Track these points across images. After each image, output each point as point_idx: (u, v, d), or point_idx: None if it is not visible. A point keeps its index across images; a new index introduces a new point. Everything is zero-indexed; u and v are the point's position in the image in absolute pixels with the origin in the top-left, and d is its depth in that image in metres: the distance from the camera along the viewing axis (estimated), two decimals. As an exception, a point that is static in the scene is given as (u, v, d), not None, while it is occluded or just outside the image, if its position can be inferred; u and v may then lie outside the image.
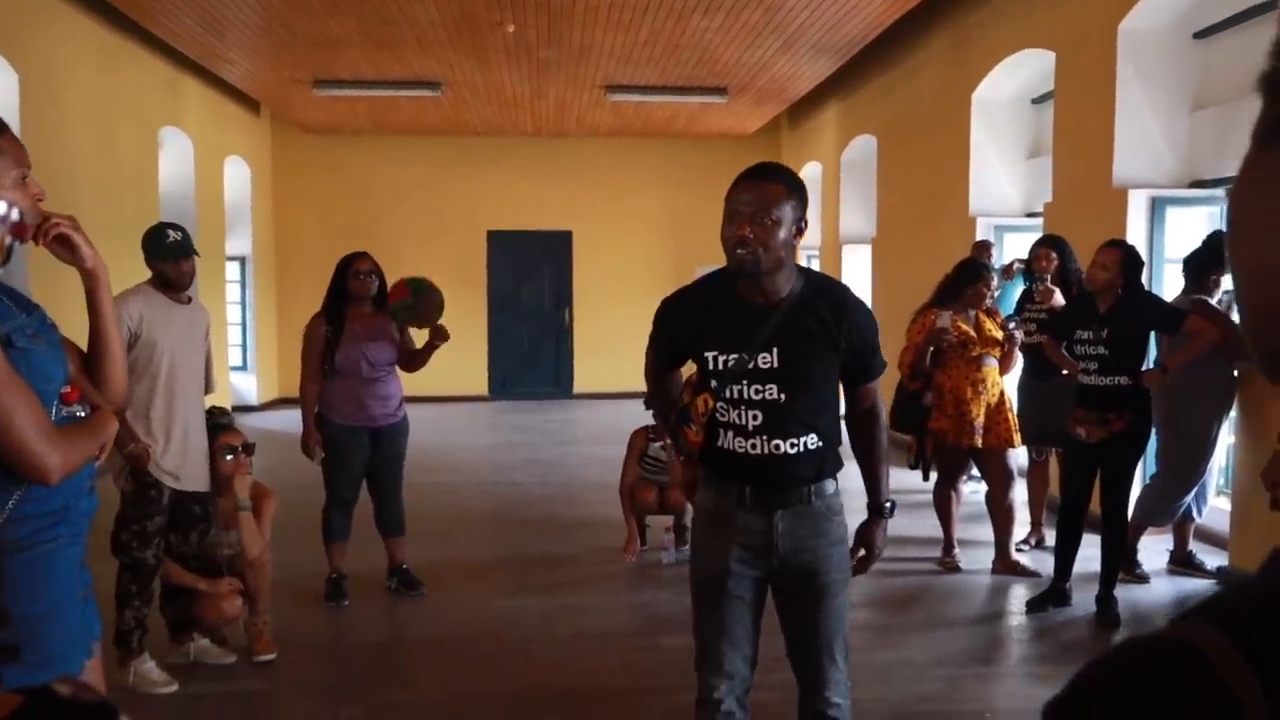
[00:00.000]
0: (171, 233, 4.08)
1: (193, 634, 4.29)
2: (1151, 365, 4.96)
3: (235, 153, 12.24)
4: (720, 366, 2.55)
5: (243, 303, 12.82)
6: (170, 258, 4.03)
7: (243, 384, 12.70)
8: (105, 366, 2.29)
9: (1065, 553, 4.94)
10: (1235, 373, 5.26)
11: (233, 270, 12.51)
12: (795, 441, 2.53)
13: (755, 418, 2.53)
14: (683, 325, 2.66)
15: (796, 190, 2.50)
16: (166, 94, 10.15)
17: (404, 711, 3.94)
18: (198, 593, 4.21)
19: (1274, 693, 0.42)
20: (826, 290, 2.61)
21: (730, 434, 2.56)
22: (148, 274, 4.10)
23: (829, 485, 2.61)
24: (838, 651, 2.63)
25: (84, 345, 2.33)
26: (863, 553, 2.72)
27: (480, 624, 4.89)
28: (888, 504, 2.73)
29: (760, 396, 2.52)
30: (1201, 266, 5.27)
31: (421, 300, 4.97)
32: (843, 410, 2.73)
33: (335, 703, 4.03)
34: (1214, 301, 5.28)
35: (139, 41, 9.22)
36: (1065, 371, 5.07)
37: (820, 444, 2.56)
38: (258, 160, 13.06)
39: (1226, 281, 5.37)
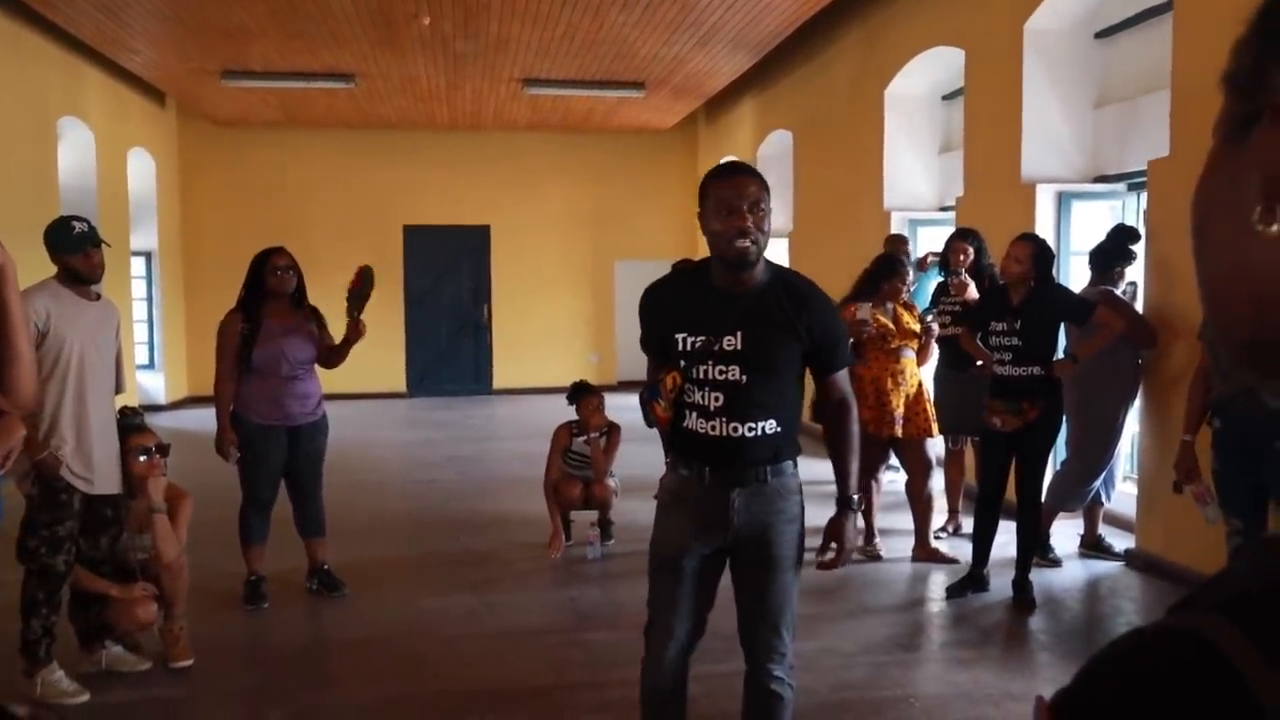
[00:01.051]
0: (77, 224, 3.94)
1: (104, 641, 4.14)
2: (1062, 355, 5.12)
3: (139, 144, 11.83)
4: (688, 347, 2.70)
5: (149, 299, 12.42)
6: (78, 249, 3.89)
7: (150, 383, 12.31)
8: (12, 369, 2.17)
9: (983, 539, 5.07)
10: (1140, 361, 5.47)
11: (138, 266, 12.10)
12: (753, 426, 2.67)
13: (717, 399, 2.67)
14: (659, 310, 2.81)
15: (766, 185, 2.69)
16: (65, 83, 9.76)
17: (328, 714, 3.86)
18: (110, 599, 4.06)
19: None
20: (790, 282, 2.77)
21: (694, 415, 2.71)
22: (47, 271, 3.94)
23: (786, 466, 2.75)
24: (784, 626, 2.76)
25: None
26: (834, 549, 2.81)
27: (405, 623, 4.82)
28: (855, 497, 2.82)
29: (724, 377, 2.66)
30: (1107, 259, 5.46)
31: (370, 288, 4.97)
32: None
33: (257, 708, 3.93)
34: (1119, 292, 5.47)
35: (34, 27, 8.84)
36: (980, 363, 5.20)
37: (778, 429, 2.70)
38: (163, 153, 12.65)
39: (1130, 273, 5.58)
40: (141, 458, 4.12)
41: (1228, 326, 0.57)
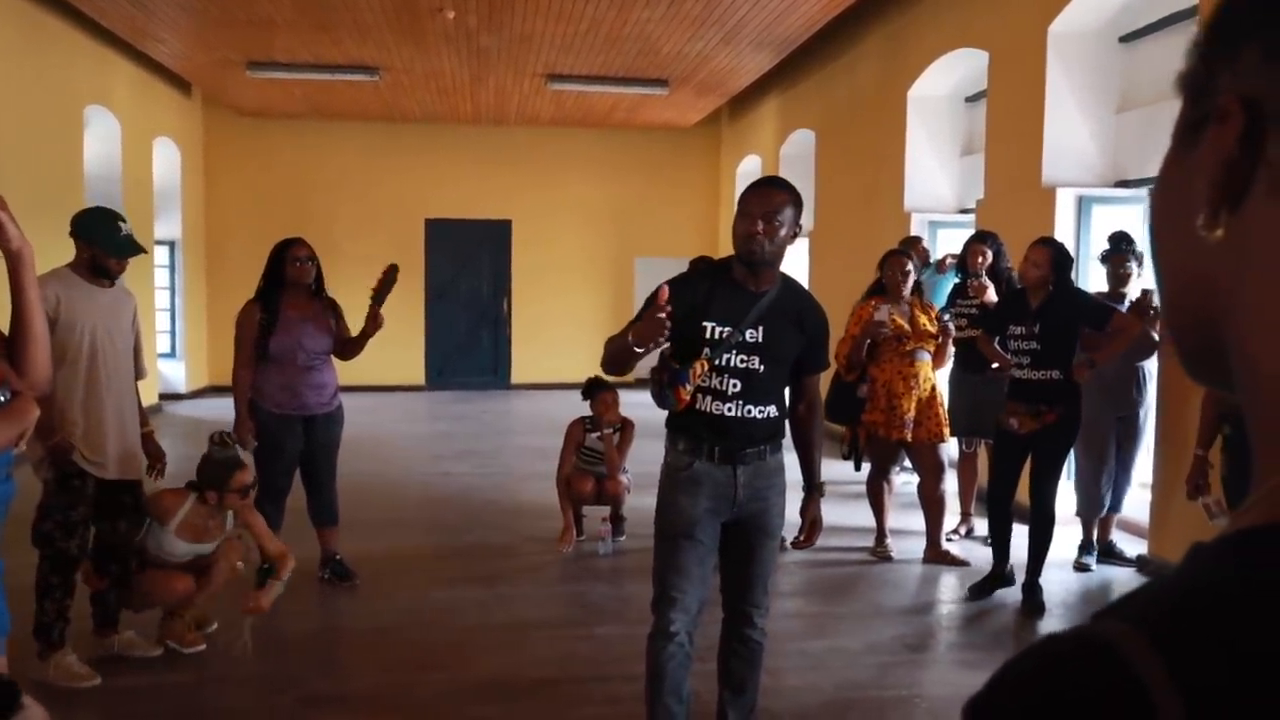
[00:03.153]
0: (123, 225, 3.94)
1: (117, 627, 4.19)
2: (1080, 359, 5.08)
3: (164, 134, 11.93)
4: (716, 336, 3.00)
5: (171, 288, 12.52)
6: (121, 252, 3.90)
7: (171, 371, 12.42)
8: (27, 350, 2.22)
9: (1000, 537, 5.05)
10: (1150, 368, 5.44)
11: (161, 255, 12.21)
12: (763, 409, 3.04)
13: (735, 385, 3.00)
14: (687, 298, 3.00)
15: (796, 202, 3.03)
16: (93, 72, 9.86)
17: (336, 703, 3.90)
18: (148, 571, 4.13)
19: (1188, 691, 0.42)
20: (797, 290, 3.17)
21: (709, 399, 3.02)
22: (71, 257, 3.97)
23: (779, 445, 3.13)
24: (769, 584, 3.21)
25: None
26: (809, 528, 3.25)
27: (415, 614, 4.85)
28: (823, 484, 3.27)
29: (745, 366, 3.00)
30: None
31: (392, 285, 5.01)
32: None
33: (266, 695, 3.97)
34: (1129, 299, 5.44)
35: (63, 16, 8.94)
36: (995, 365, 5.18)
37: (777, 414, 3.10)
38: (188, 142, 12.76)
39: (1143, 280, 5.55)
40: (242, 500, 4.27)
41: (1178, 333, 0.57)
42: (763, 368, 3.00)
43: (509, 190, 13.91)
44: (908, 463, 6.02)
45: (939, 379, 5.75)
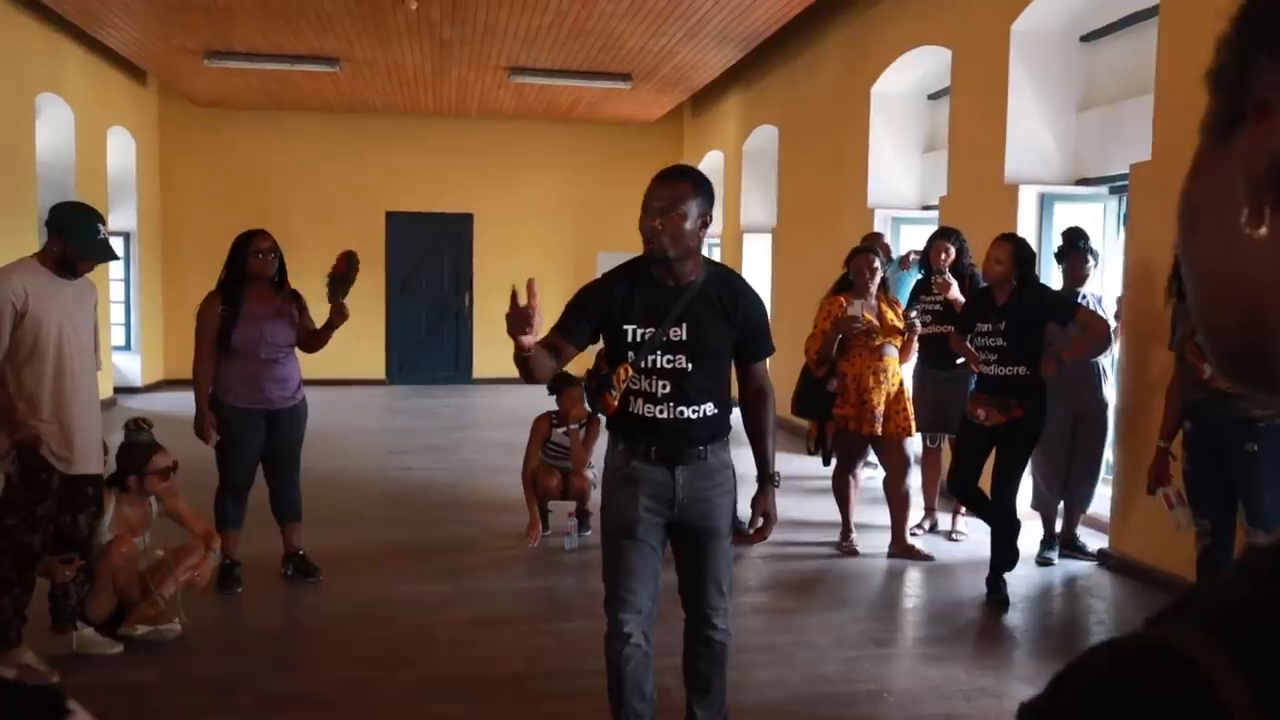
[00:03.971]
0: (102, 228, 3.93)
1: (75, 624, 4.11)
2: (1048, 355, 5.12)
3: (119, 123, 11.70)
4: (638, 338, 2.91)
5: (126, 280, 12.29)
6: (95, 255, 3.91)
7: (126, 365, 12.20)
8: None
9: (982, 507, 5.06)
10: (1105, 364, 5.52)
11: (115, 246, 11.95)
12: (697, 408, 2.93)
13: (664, 386, 2.91)
14: (604, 302, 2.96)
15: (702, 189, 2.89)
16: (45, 59, 9.63)
17: (300, 701, 3.84)
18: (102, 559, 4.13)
19: (1261, 695, 0.41)
20: (725, 277, 3.05)
21: (641, 401, 2.94)
22: (24, 247, 3.90)
23: (722, 444, 3.04)
24: (724, 584, 3.09)
25: None
26: (761, 522, 3.10)
27: (379, 610, 4.81)
28: (776, 474, 3.14)
29: (671, 366, 2.90)
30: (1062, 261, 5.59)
31: (354, 274, 4.95)
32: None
33: (227, 693, 3.90)
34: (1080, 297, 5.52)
35: (14, 1, 8.73)
36: (960, 361, 5.21)
37: (716, 411, 2.99)
38: (143, 132, 12.52)
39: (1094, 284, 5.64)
40: (164, 482, 4.34)
41: (1215, 333, 0.56)
42: (691, 366, 2.90)
43: (471, 183, 13.81)
44: (872, 458, 6.06)
45: (904, 374, 5.79)
